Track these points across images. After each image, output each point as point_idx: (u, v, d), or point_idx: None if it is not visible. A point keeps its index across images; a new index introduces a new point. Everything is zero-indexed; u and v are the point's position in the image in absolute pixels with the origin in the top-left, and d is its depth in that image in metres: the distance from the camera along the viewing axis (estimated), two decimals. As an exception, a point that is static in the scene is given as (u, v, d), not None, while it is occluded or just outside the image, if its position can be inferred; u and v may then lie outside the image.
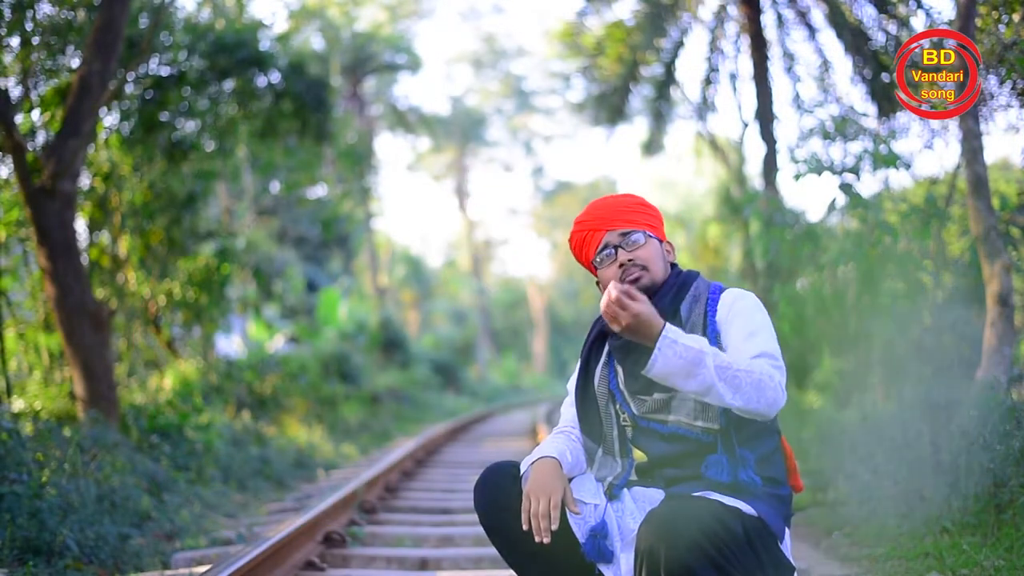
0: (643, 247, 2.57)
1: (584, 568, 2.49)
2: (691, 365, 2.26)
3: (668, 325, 2.28)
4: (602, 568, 2.44)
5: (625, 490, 2.56)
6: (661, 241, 2.63)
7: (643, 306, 2.26)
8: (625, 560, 2.42)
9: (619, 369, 2.60)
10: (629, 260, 2.55)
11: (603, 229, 2.59)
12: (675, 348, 2.25)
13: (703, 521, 2.22)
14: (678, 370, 2.26)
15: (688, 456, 2.50)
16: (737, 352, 2.40)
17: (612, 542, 2.44)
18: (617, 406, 2.61)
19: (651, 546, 2.20)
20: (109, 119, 9.96)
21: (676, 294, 2.56)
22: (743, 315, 2.47)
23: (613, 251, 2.58)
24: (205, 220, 12.21)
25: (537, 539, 2.40)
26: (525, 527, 2.42)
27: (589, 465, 2.64)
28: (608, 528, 2.46)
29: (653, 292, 2.56)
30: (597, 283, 2.65)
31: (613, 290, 2.27)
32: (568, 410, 2.74)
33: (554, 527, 2.39)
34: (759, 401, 2.29)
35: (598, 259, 2.61)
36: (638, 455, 2.66)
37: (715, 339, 2.47)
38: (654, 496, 2.53)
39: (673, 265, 2.67)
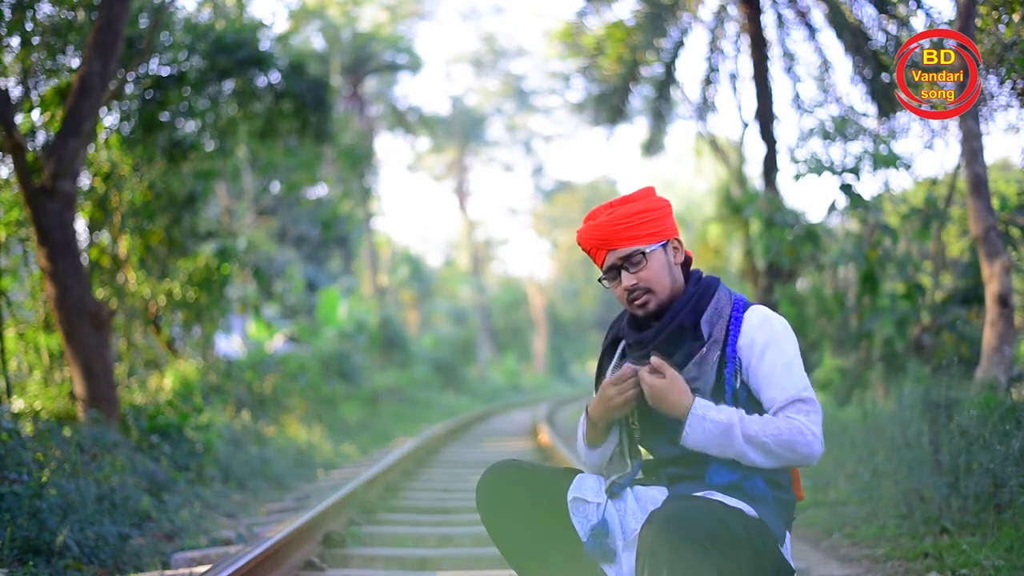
0: (646, 267, 2.54)
1: (585, 567, 2.49)
2: (721, 438, 2.35)
3: (697, 400, 2.38)
4: (604, 567, 2.44)
5: (628, 489, 2.56)
6: (668, 241, 2.59)
7: (664, 382, 2.39)
8: (627, 559, 2.42)
9: None
10: (633, 284, 2.55)
11: (604, 249, 2.58)
12: (704, 424, 2.36)
13: (706, 522, 2.22)
14: (709, 443, 2.37)
15: (692, 456, 2.49)
16: (772, 387, 2.43)
17: (614, 541, 2.44)
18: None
19: (654, 546, 2.20)
20: (109, 119, 9.95)
21: (696, 305, 2.54)
22: (774, 345, 2.46)
23: (617, 273, 2.58)
24: (205, 220, 12.21)
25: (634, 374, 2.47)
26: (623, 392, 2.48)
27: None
28: (610, 527, 2.46)
29: (667, 308, 2.56)
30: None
31: (637, 371, 2.45)
32: None
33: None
34: (791, 459, 2.37)
35: (604, 281, 2.62)
36: (643, 453, 2.67)
37: (733, 361, 2.46)
38: (656, 496, 2.53)
39: (692, 270, 2.65)
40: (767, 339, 2.46)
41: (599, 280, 2.64)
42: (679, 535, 2.18)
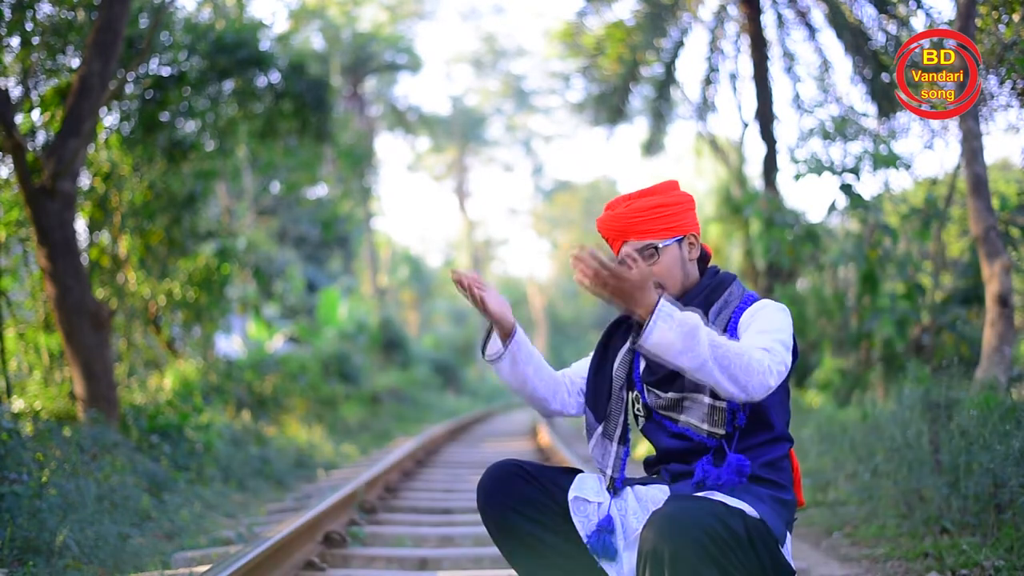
0: (658, 262, 2.55)
1: (586, 568, 2.49)
2: (686, 338, 2.21)
3: (664, 296, 2.25)
4: (605, 566, 2.44)
5: (628, 488, 2.57)
6: (684, 236, 2.59)
7: (637, 276, 2.22)
8: (628, 559, 2.42)
9: (644, 359, 2.60)
10: None
11: (620, 240, 2.60)
12: (671, 321, 2.21)
13: (706, 521, 2.22)
14: (672, 342, 2.22)
15: (693, 454, 2.51)
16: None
17: (615, 540, 2.45)
18: (634, 394, 2.62)
19: (655, 547, 2.20)
20: (109, 119, 9.94)
21: (708, 296, 2.56)
22: (763, 316, 2.47)
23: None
24: (205, 220, 12.20)
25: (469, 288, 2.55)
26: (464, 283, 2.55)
27: (587, 439, 2.67)
28: (613, 525, 2.47)
29: (678, 298, 2.56)
30: None
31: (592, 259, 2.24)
32: (578, 364, 2.77)
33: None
34: (747, 383, 2.24)
35: None
36: (648, 449, 2.67)
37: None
38: (657, 496, 2.54)
39: (710, 266, 2.66)
40: (760, 315, 2.47)
41: None
42: (680, 535, 2.18)
